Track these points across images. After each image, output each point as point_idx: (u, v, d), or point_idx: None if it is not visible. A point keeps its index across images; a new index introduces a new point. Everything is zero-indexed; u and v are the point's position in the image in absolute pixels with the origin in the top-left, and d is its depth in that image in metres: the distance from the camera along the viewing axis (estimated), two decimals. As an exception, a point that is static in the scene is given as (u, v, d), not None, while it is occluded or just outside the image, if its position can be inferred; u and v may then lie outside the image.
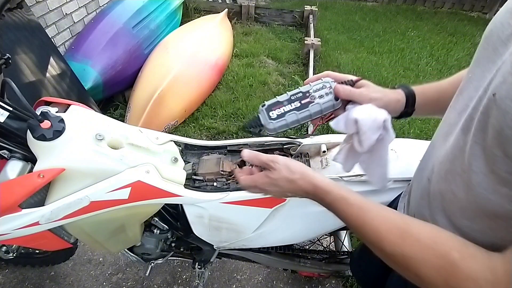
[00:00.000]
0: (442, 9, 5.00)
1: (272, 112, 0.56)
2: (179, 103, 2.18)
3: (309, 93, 0.57)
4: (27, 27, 1.75)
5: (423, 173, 0.56)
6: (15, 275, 1.43)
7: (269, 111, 0.56)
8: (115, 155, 0.67)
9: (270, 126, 0.57)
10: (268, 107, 0.57)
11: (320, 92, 0.57)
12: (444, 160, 0.46)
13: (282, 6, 4.55)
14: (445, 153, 0.46)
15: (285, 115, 0.56)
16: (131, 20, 2.43)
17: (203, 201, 0.75)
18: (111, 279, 1.45)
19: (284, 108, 0.56)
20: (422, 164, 0.60)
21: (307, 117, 0.58)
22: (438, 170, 0.48)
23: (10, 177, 0.60)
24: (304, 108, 0.57)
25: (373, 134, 0.55)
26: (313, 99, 0.56)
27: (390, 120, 0.56)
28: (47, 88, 1.75)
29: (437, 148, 0.51)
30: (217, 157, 0.86)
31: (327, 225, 0.86)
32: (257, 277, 1.49)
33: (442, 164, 0.47)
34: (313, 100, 0.56)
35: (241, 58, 3.14)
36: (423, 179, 0.54)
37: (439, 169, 0.48)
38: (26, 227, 0.64)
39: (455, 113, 0.46)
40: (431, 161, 0.52)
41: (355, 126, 0.56)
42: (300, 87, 0.59)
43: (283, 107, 0.56)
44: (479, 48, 0.43)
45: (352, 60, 3.26)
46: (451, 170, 0.44)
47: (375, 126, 0.55)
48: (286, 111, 0.56)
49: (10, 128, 0.61)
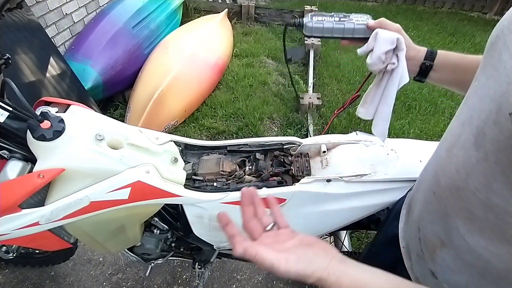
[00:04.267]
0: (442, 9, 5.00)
1: (314, 17, 0.68)
2: (179, 103, 2.18)
3: (350, 16, 0.69)
4: (27, 27, 1.75)
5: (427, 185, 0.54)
6: (15, 275, 1.43)
7: (313, 16, 0.69)
8: (115, 155, 0.67)
9: (308, 24, 0.68)
10: (315, 14, 0.69)
11: (358, 19, 0.68)
12: (454, 177, 0.44)
13: (282, 6, 4.54)
14: (454, 168, 0.44)
15: (323, 22, 0.68)
16: (131, 20, 2.43)
17: (203, 201, 0.75)
18: (111, 279, 1.45)
19: (325, 18, 0.68)
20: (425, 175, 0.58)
21: (340, 30, 0.68)
22: (447, 186, 0.46)
23: (10, 177, 0.60)
24: (341, 23, 0.68)
25: (384, 45, 0.62)
26: (350, 20, 0.68)
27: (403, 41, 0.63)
28: (47, 88, 1.75)
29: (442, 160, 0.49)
30: (217, 157, 0.86)
31: (327, 225, 0.86)
32: (257, 277, 1.49)
33: (452, 180, 0.45)
34: (350, 20, 0.68)
35: (241, 58, 3.14)
36: (427, 191, 0.53)
37: (448, 185, 0.46)
38: (26, 227, 0.64)
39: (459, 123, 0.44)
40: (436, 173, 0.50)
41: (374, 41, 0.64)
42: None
43: (325, 17, 0.68)
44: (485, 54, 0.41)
45: (352, 60, 3.26)
46: (464, 188, 0.41)
47: (389, 40, 0.62)
48: (325, 20, 0.68)
49: (10, 128, 0.61)
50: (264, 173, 0.81)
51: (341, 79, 2.91)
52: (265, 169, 0.82)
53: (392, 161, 0.81)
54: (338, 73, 3.01)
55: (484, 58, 0.41)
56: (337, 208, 0.79)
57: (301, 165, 0.83)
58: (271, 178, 0.81)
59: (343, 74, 3.00)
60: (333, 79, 2.89)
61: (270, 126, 2.41)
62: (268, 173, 0.81)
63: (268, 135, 2.31)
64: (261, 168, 0.82)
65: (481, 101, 0.38)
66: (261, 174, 0.81)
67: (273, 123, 2.43)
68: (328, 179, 0.77)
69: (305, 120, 2.36)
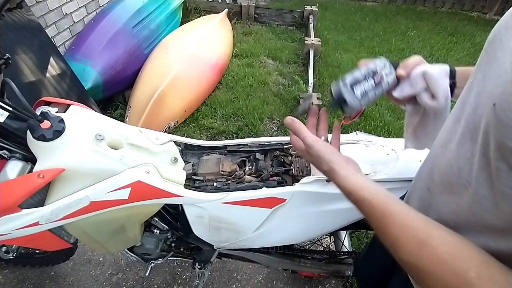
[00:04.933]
0: (442, 9, 5.00)
1: (356, 90, 0.59)
2: (179, 103, 2.18)
3: (377, 72, 0.61)
4: (27, 27, 1.75)
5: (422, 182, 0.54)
6: (15, 275, 1.43)
7: (353, 88, 0.59)
8: (115, 155, 0.67)
9: (356, 104, 0.59)
10: (351, 85, 0.59)
11: (385, 71, 0.62)
12: (447, 172, 0.45)
13: (282, 6, 4.55)
14: (448, 163, 0.44)
15: (367, 93, 0.60)
16: (131, 20, 2.43)
17: (203, 201, 0.75)
18: (111, 279, 1.45)
19: (364, 86, 0.59)
20: (421, 173, 0.58)
21: (381, 93, 0.62)
22: (440, 181, 0.47)
23: (10, 177, 0.60)
24: (379, 86, 0.61)
25: (443, 80, 0.56)
26: (382, 77, 0.61)
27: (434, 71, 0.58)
28: (47, 88, 1.75)
29: (437, 156, 0.49)
30: (217, 157, 0.86)
31: (327, 225, 0.86)
32: (257, 277, 1.49)
33: (445, 176, 0.45)
34: (382, 78, 0.61)
35: (241, 58, 3.14)
36: (422, 188, 0.53)
37: (441, 180, 0.47)
38: (26, 227, 0.64)
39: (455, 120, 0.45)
40: (431, 170, 0.51)
41: (423, 80, 0.57)
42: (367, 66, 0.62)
43: (362, 85, 0.59)
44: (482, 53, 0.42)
45: (352, 60, 3.26)
46: (457, 182, 0.42)
47: (443, 72, 0.57)
48: (366, 90, 0.60)
49: (10, 128, 0.61)
50: (264, 173, 0.81)
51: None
52: (265, 169, 0.82)
53: (392, 161, 0.81)
54: (338, 73, 3.01)
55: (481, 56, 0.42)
56: (337, 208, 0.79)
57: (301, 165, 0.83)
58: (271, 178, 0.81)
59: (343, 74, 3.00)
60: (333, 79, 2.89)
61: (270, 126, 2.41)
62: (268, 173, 0.81)
63: (268, 135, 2.31)
64: (261, 168, 0.82)
65: (477, 97, 0.39)
66: (261, 174, 0.81)
67: (273, 123, 2.43)
68: (328, 179, 0.77)
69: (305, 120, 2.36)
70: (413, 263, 0.40)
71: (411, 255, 0.40)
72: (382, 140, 0.89)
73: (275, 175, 0.82)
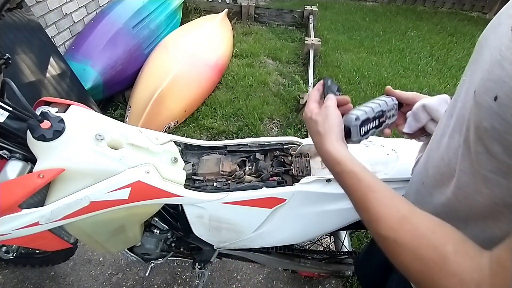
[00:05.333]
0: (442, 9, 5.00)
1: (362, 129, 0.60)
2: (179, 103, 2.18)
3: (385, 113, 0.63)
4: (27, 27, 1.75)
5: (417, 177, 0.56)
6: (15, 275, 1.43)
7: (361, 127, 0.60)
8: (115, 155, 0.67)
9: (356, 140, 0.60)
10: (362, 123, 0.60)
11: (390, 113, 0.65)
12: (439, 164, 0.46)
13: (282, 6, 4.55)
14: (440, 155, 0.46)
15: (369, 132, 0.62)
16: (131, 20, 2.43)
17: (203, 201, 0.75)
18: (111, 279, 1.45)
19: (369, 126, 0.61)
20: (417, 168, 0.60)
21: (377, 132, 0.64)
22: (432, 174, 0.48)
23: (10, 177, 0.60)
24: (380, 126, 0.63)
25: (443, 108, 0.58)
26: (386, 119, 0.64)
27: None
28: (47, 88, 1.75)
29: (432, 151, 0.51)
30: (217, 157, 0.86)
31: (327, 225, 0.86)
32: (257, 277, 1.49)
33: (437, 168, 0.47)
34: (385, 120, 0.64)
35: (241, 58, 3.14)
36: (418, 182, 0.54)
37: (433, 173, 0.48)
38: (26, 227, 0.64)
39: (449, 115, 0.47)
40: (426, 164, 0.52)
41: (425, 112, 0.60)
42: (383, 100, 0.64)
43: (368, 125, 0.61)
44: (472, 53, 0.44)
45: (352, 60, 3.26)
46: (446, 173, 0.43)
47: (442, 101, 0.59)
48: (370, 129, 0.61)
49: (10, 128, 0.61)
50: (264, 173, 0.81)
51: (341, 79, 2.92)
52: (265, 169, 0.82)
53: (392, 161, 0.81)
54: (338, 73, 3.01)
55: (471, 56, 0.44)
56: (337, 208, 0.79)
57: (301, 165, 0.83)
58: (271, 178, 0.81)
59: (343, 74, 3.00)
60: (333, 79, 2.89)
61: (270, 126, 2.41)
62: (268, 173, 0.81)
63: (268, 135, 2.32)
64: (261, 168, 0.82)
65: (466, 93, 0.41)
66: (261, 174, 0.81)
67: (273, 123, 2.43)
68: (328, 179, 0.77)
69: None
70: (392, 237, 0.40)
71: (391, 229, 0.40)
72: (382, 140, 0.89)
73: (275, 175, 0.82)
